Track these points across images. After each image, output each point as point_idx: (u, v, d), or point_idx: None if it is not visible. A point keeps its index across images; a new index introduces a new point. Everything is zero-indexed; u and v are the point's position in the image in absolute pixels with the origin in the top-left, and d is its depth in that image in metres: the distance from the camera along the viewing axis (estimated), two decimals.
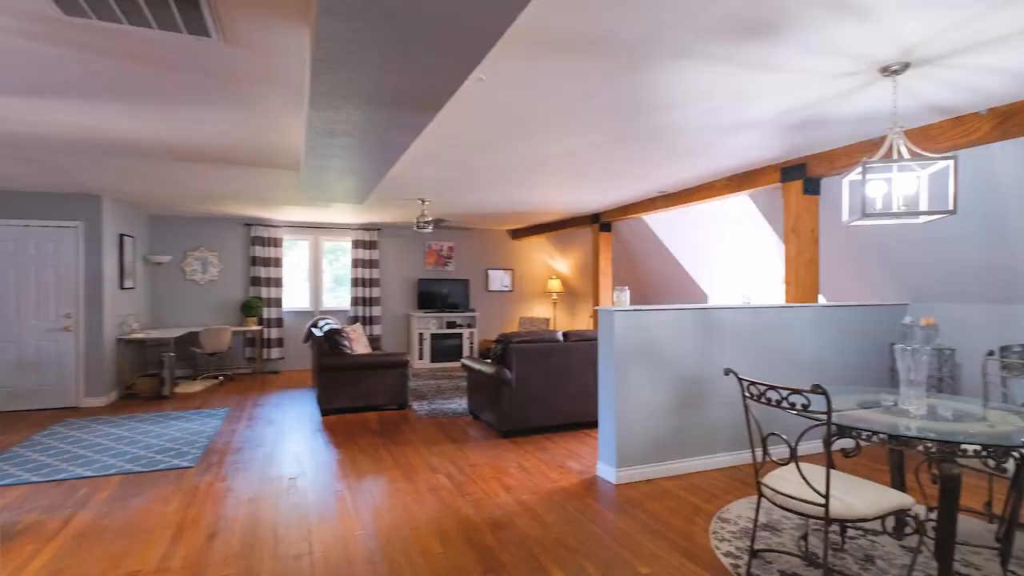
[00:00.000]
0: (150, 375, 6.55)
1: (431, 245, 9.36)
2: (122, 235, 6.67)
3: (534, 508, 3.17)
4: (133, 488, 3.53)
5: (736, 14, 2.06)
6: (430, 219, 6.35)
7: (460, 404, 5.99)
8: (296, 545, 2.71)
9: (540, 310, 10.14)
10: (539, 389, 4.69)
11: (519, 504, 3.23)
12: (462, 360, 5.46)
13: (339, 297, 9.12)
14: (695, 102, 3.06)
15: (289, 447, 4.45)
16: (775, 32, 2.21)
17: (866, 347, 4.42)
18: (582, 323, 10.28)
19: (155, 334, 6.77)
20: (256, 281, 8.27)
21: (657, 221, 7.53)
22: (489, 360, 4.96)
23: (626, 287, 3.87)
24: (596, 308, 3.76)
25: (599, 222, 7.61)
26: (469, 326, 9.18)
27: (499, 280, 9.80)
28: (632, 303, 9.47)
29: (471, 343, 9.11)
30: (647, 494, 3.37)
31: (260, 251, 8.28)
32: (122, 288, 6.64)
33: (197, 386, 7.13)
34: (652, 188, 5.76)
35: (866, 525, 2.82)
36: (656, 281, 8.94)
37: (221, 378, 7.75)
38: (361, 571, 2.45)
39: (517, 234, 9.76)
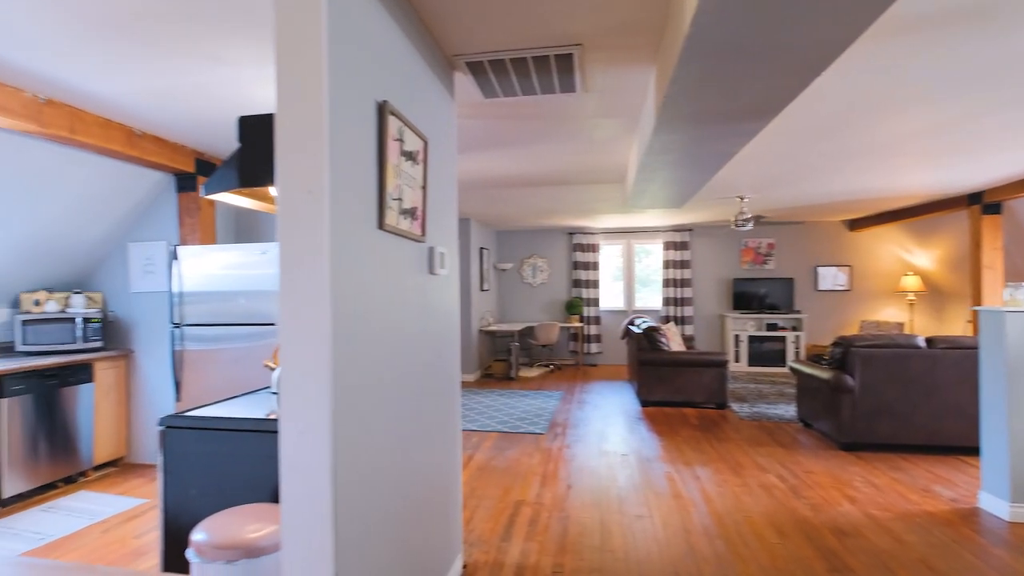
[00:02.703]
0: (500, 360, 8.19)
1: (747, 243, 8.95)
2: (481, 248, 8.54)
3: (887, 525, 2.86)
4: (505, 443, 4.58)
5: None
6: (749, 216, 6.16)
7: (786, 410, 5.64)
8: (636, 507, 3.14)
9: (889, 312, 8.55)
10: (891, 401, 4.10)
11: (867, 517, 2.96)
12: (790, 364, 5.16)
13: (644, 297, 9.58)
14: None
15: (615, 429, 5.02)
16: None
17: None
18: (954, 329, 8.22)
19: (503, 327, 8.41)
20: (577, 283, 9.38)
21: None
22: (824, 365, 4.57)
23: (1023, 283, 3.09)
24: (974, 309, 3.11)
25: (980, 203, 6.04)
26: (794, 329, 8.43)
27: (831, 278, 8.68)
28: None
29: (796, 347, 8.35)
30: None
31: (580, 256, 9.36)
32: (481, 290, 8.49)
33: (534, 372, 8.54)
34: None
35: None
36: None
37: (552, 366, 9.09)
38: (699, 541, 2.70)
39: (856, 224, 8.47)
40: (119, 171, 3.77)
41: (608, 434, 4.83)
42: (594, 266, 9.35)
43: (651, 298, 9.56)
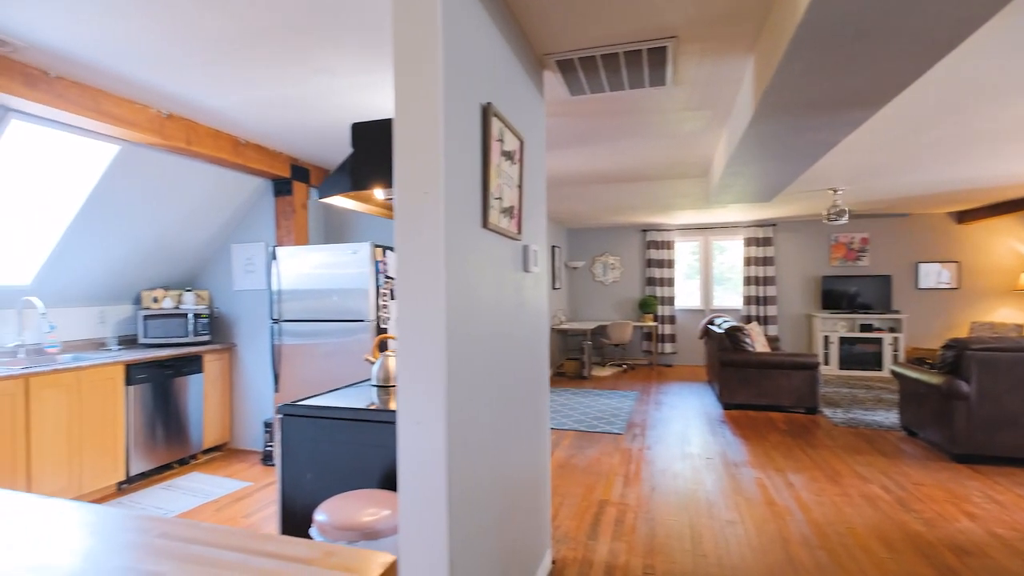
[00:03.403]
0: (572, 359, 8.14)
1: (838, 238, 8.39)
2: (553, 246, 8.52)
3: (1017, 546, 2.59)
4: (584, 442, 4.55)
5: None
6: (842, 209, 5.78)
7: (886, 417, 5.25)
8: (727, 513, 3.04)
9: (1005, 313, 7.74)
10: (1016, 411, 3.71)
11: (991, 536, 2.70)
12: (892, 367, 4.79)
13: (720, 296, 9.20)
14: None
15: (696, 431, 4.86)
16: None
17: None
18: None
19: (575, 326, 8.36)
20: (651, 281, 9.17)
21: None
22: (931, 369, 4.21)
23: None
24: None
25: None
26: (892, 330, 7.82)
27: (934, 275, 7.97)
28: None
29: (894, 350, 7.74)
30: None
31: (654, 254, 9.14)
32: (553, 288, 8.47)
33: (607, 371, 8.44)
34: None
35: None
36: None
37: (625, 366, 8.93)
38: (798, 551, 2.57)
39: (965, 216, 7.74)
40: (225, 178, 4.08)
41: (689, 436, 4.69)
42: (669, 264, 9.11)
43: (728, 296, 9.18)
